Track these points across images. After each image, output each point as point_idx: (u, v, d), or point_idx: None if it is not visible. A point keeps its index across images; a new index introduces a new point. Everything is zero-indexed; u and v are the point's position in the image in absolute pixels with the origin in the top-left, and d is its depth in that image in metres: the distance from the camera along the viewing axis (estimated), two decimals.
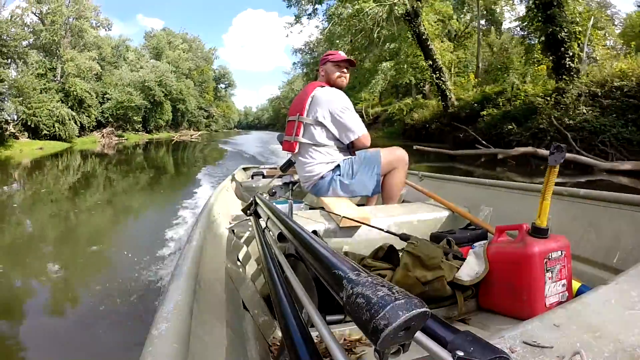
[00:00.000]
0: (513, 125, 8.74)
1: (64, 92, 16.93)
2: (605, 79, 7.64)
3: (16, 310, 2.16)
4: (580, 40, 8.73)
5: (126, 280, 2.34)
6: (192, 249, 0.69)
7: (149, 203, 5.66)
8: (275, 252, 0.74)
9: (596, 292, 0.60)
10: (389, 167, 1.61)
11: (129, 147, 16.37)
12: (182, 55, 33.43)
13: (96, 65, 19.79)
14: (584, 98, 7.67)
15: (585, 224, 1.10)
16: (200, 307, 0.54)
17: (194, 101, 32.93)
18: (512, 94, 9.85)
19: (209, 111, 40.22)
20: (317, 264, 0.42)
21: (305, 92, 1.65)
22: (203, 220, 0.93)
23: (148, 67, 26.24)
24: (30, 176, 8.06)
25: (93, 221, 4.37)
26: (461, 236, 1.19)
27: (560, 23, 8.52)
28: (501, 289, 0.85)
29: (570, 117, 7.52)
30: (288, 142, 1.69)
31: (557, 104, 8.07)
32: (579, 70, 8.50)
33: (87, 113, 18.11)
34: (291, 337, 0.47)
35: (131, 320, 1.89)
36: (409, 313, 0.26)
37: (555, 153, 0.78)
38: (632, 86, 7.06)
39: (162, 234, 3.28)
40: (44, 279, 2.57)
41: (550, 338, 0.47)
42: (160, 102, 25.63)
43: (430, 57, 12.03)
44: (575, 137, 7.15)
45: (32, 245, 3.36)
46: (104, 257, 2.99)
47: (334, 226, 1.21)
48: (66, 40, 18.73)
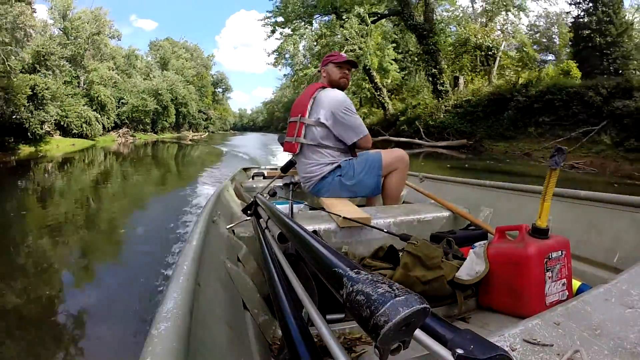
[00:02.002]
0: (406, 126, 14.96)
1: (89, 97, 19.86)
2: (458, 97, 13.63)
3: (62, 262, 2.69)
4: (454, 73, 15.39)
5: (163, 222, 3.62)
6: (192, 249, 0.68)
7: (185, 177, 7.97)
8: (276, 252, 0.74)
9: (596, 291, 0.60)
10: (389, 168, 1.61)
11: (140, 145, 18.96)
12: (186, 64, 37.84)
13: (115, 74, 23.58)
14: (445, 109, 13.62)
15: (586, 224, 1.10)
16: (200, 307, 0.54)
17: (195, 105, 36.08)
18: (411, 108, 15.86)
19: (208, 114, 43.33)
20: (317, 262, 0.42)
21: (307, 94, 1.65)
22: (203, 220, 0.93)
23: (160, 76, 30.33)
24: (71, 164, 10.18)
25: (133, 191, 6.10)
26: (461, 237, 1.19)
27: (434, 64, 14.81)
28: (501, 288, 0.85)
29: (434, 120, 13.64)
30: (289, 143, 1.69)
31: (432, 113, 14.07)
32: (447, 92, 14.46)
33: (107, 115, 20.89)
34: (291, 336, 0.47)
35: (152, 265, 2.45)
36: (409, 309, 0.26)
37: (556, 156, 0.78)
38: (473, 100, 12.75)
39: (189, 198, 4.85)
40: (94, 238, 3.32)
41: (550, 336, 0.47)
42: (166, 106, 29.13)
43: (373, 82, 17.85)
44: (434, 131, 13.25)
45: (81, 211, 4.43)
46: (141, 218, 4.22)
47: (335, 226, 1.21)
48: (88, 53, 22.05)
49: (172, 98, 30.15)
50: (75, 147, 15.26)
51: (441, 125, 13.06)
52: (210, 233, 0.90)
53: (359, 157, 1.63)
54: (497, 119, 11.34)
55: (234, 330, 0.63)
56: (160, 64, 35.20)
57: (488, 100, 11.95)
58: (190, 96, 34.12)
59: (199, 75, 40.94)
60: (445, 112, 13.48)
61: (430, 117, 13.77)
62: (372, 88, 18.08)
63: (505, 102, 11.25)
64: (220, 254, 0.90)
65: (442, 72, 14.55)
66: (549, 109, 9.93)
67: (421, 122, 13.91)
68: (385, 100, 17.84)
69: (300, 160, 1.68)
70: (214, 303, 0.64)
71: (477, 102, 12.39)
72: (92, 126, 18.15)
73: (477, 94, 12.88)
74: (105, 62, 23.63)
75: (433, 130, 13.26)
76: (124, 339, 1.61)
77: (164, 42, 38.53)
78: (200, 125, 39.95)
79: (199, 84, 40.60)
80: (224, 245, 1.01)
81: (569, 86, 9.95)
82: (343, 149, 1.64)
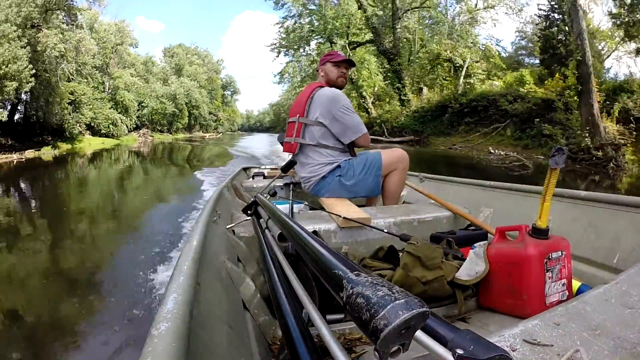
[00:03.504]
0: (378, 127, 17.57)
1: (114, 101, 22.43)
2: (417, 105, 17.45)
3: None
4: (420, 85, 18.93)
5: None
6: (192, 249, 0.68)
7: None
8: (276, 252, 0.74)
9: (596, 291, 0.60)
10: (389, 168, 1.61)
11: (158, 144, 21.53)
12: (199, 69, 41.10)
13: (138, 81, 26.46)
14: (406, 114, 17.39)
15: (586, 225, 1.10)
16: (200, 307, 0.54)
17: (206, 107, 39.04)
18: (384, 113, 19.20)
19: (217, 115, 46.33)
20: (317, 264, 0.42)
21: (305, 93, 1.65)
22: (203, 220, 0.93)
23: (177, 82, 33.37)
24: (104, 158, 12.42)
25: (156, 175, 8.33)
26: (461, 237, 1.19)
27: (398, 80, 18.76)
28: (501, 289, 0.85)
29: (397, 122, 17.19)
30: (289, 144, 1.69)
31: (397, 117, 17.68)
32: (409, 101, 18.10)
33: (129, 117, 23.47)
34: (291, 336, 0.47)
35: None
36: (409, 313, 0.26)
37: (556, 156, 0.77)
38: (426, 107, 16.72)
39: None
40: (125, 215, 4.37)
41: (550, 336, 0.47)
42: (181, 109, 32.32)
43: (357, 89, 20.56)
44: (396, 130, 16.63)
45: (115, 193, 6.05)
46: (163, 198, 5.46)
47: (335, 226, 1.21)
48: (112, 61, 24.57)
49: (187, 102, 33.21)
50: (104, 145, 17.99)
51: (401, 125, 16.93)
52: (210, 233, 0.90)
53: (359, 157, 1.62)
54: (441, 121, 15.14)
55: (234, 331, 0.63)
56: (175, 69, 38.19)
57: (435, 107, 15.95)
58: (202, 99, 36.82)
59: (209, 80, 43.69)
60: (407, 116, 17.37)
61: (395, 120, 17.74)
62: (359, 97, 21.19)
63: (446, 108, 15.08)
64: (220, 254, 0.90)
65: (405, 86, 18.82)
66: (474, 113, 13.58)
67: (388, 123, 17.50)
68: (369, 106, 21.07)
69: (299, 160, 1.67)
70: (214, 303, 0.64)
71: (428, 108, 16.45)
72: (117, 127, 20.79)
73: (429, 102, 17.02)
74: (127, 69, 26.30)
75: (395, 130, 16.86)
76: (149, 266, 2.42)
77: (177, 48, 41.70)
78: (210, 127, 43.11)
79: (209, 87, 43.54)
80: (224, 245, 1.01)
81: (489, 95, 13.68)
82: (342, 148, 1.64)
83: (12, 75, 11.26)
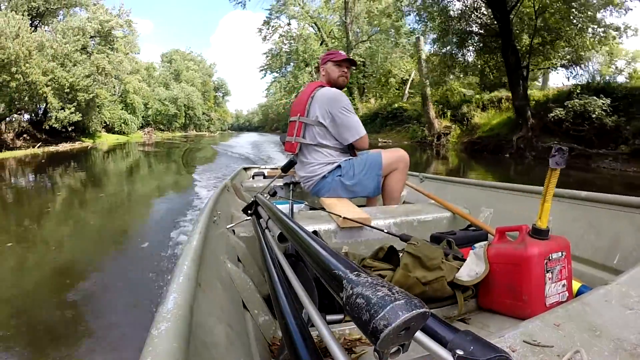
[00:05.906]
0: None
1: (124, 103, 25.85)
2: (362, 112, 21.01)
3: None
4: (374, 96, 23.77)
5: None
6: (192, 249, 0.68)
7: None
8: (276, 252, 0.74)
9: (596, 292, 0.60)
10: (389, 168, 1.61)
11: (162, 141, 24.39)
12: (195, 74, 45.31)
13: (144, 85, 29.57)
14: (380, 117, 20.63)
15: (586, 225, 1.10)
16: (200, 307, 0.54)
17: (200, 108, 42.92)
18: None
19: (210, 115, 49.88)
20: (317, 264, 0.42)
21: (305, 92, 1.65)
22: (203, 220, 0.93)
23: (178, 87, 37.98)
24: (122, 151, 15.13)
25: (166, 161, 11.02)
26: (461, 237, 1.18)
27: (348, 93, 21.20)
28: (501, 289, 0.85)
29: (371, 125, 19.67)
30: (289, 143, 1.69)
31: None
32: (357, 109, 19.72)
33: (137, 117, 27.30)
34: (291, 336, 0.47)
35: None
36: (409, 313, 0.26)
37: (557, 155, 0.75)
38: (367, 114, 20.93)
39: None
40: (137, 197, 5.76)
41: (550, 337, 0.47)
42: (179, 110, 36.62)
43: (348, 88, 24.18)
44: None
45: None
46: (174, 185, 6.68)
47: (335, 227, 1.21)
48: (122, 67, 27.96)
49: (185, 104, 37.82)
50: (118, 141, 21.41)
51: None
52: (210, 233, 0.90)
53: (359, 157, 1.62)
54: (375, 124, 19.45)
55: (234, 330, 0.63)
56: (174, 75, 42.62)
57: (373, 114, 20.75)
58: (197, 101, 41.07)
59: (203, 83, 47.93)
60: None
61: (370, 121, 21.50)
62: None
63: (377, 114, 20.21)
64: (220, 254, 0.91)
65: (354, 98, 22.63)
66: (394, 118, 18.66)
67: None
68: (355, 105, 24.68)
69: (300, 160, 1.68)
70: (214, 303, 0.64)
71: (367, 115, 20.69)
72: (128, 125, 24.66)
73: (370, 110, 21.65)
74: (134, 75, 28.91)
75: None
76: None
77: (175, 54, 45.72)
78: (203, 126, 47.00)
79: (202, 89, 47.50)
80: (224, 245, 1.01)
81: (404, 105, 19.13)
82: (343, 148, 1.64)
83: (83, 88, 15.60)
